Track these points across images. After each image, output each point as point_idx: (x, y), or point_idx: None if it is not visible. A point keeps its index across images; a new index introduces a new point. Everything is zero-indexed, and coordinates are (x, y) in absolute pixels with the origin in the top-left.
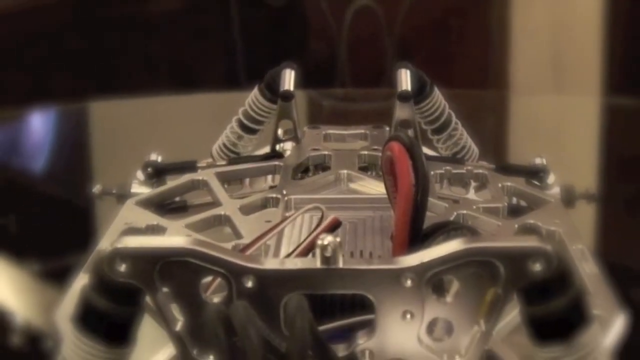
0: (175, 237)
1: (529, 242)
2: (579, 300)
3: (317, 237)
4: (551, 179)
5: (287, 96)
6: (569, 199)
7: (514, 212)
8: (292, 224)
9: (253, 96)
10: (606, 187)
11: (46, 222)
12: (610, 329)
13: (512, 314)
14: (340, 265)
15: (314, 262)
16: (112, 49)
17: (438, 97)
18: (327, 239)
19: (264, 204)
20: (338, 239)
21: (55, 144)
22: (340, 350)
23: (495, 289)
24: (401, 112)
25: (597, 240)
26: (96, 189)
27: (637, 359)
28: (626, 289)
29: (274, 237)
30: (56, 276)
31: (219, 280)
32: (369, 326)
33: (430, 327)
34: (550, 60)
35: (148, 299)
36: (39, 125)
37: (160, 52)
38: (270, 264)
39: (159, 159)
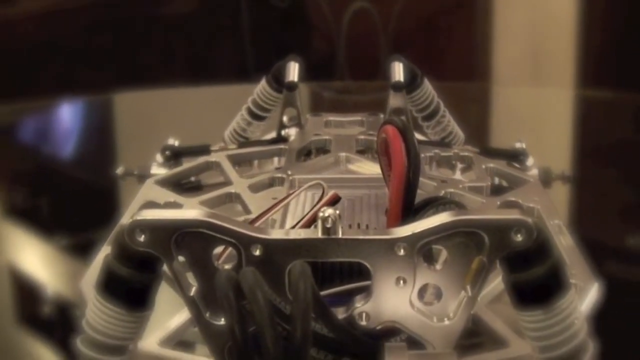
0: (190, 210)
1: (512, 215)
2: (557, 268)
3: (318, 210)
4: (530, 161)
5: (292, 86)
6: (546, 179)
7: (496, 191)
8: (296, 200)
9: (261, 87)
10: (579, 170)
11: (74, 201)
12: (586, 296)
13: (495, 282)
14: (340, 235)
15: (316, 232)
16: (134, 45)
17: (428, 88)
18: (328, 211)
19: (271, 183)
20: (338, 212)
21: (82, 132)
22: (340, 313)
23: (481, 257)
24: (394, 100)
25: (571, 217)
26: (119, 170)
27: (609, 324)
28: (598, 262)
29: (279, 211)
30: (82, 250)
31: (229, 250)
32: (365, 291)
33: (421, 292)
34: (529, 55)
35: (165, 267)
36: (68, 114)
37: (177, 49)
38: (276, 234)
39: (176, 143)
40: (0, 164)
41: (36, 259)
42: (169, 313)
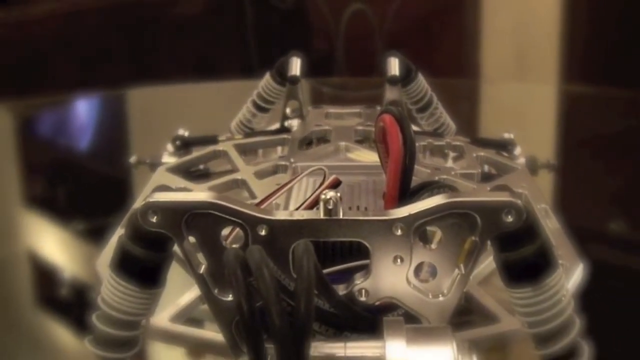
0: (199, 193)
1: (503, 197)
2: (545, 248)
3: (320, 193)
4: (517, 150)
5: (294, 80)
6: (532, 167)
7: (486, 178)
8: (298, 186)
9: (265, 80)
10: (562, 159)
11: (90, 190)
12: (571, 276)
13: (486, 262)
14: (341, 216)
15: (318, 213)
16: (146, 44)
17: (422, 81)
18: (329, 194)
19: (275, 170)
20: (339, 194)
21: (97, 125)
22: (340, 289)
23: (473, 237)
24: (390, 93)
25: (555, 203)
26: (132, 159)
27: (593, 305)
28: (581, 245)
29: (283, 196)
30: (98, 235)
31: (237, 231)
32: (364, 269)
33: (417, 270)
34: (515, 54)
35: (176, 247)
36: (83, 109)
37: (186, 47)
38: (281, 215)
39: (186, 133)
40: (21, 156)
41: (54, 244)
42: (180, 291)
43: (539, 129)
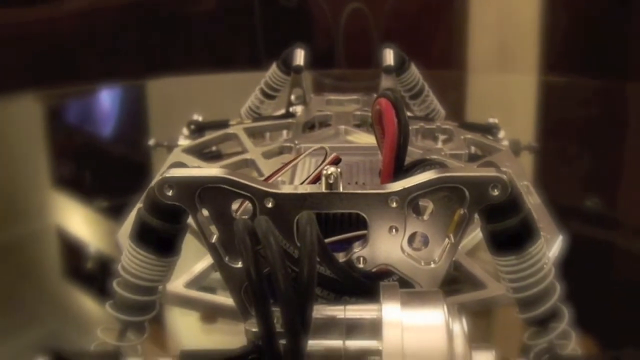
0: (211, 169)
1: (490, 173)
2: (528, 219)
3: (322, 169)
4: (501, 134)
5: (299, 70)
6: (515, 149)
7: (473, 159)
8: (302, 164)
9: (272, 70)
10: (542, 142)
11: (112, 171)
12: (552, 246)
13: (473, 234)
14: (341, 190)
15: (320, 187)
16: (163, 39)
17: (414, 71)
18: (331, 169)
19: (281, 151)
20: (339, 170)
21: (119, 113)
22: (340, 257)
23: (462, 209)
24: (386, 82)
25: (536, 181)
26: (151, 141)
27: (570, 274)
28: (560, 221)
29: (288, 173)
30: (119, 211)
31: (245, 204)
32: (362, 239)
33: (411, 240)
34: (498, 47)
35: (190, 219)
36: (107, 98)
37: (200, 42)
38: (286, 189)
39: (200, 118)
40: (50, 141)
41: (80, 221)
42: (194, 260)
43: (521, 115)
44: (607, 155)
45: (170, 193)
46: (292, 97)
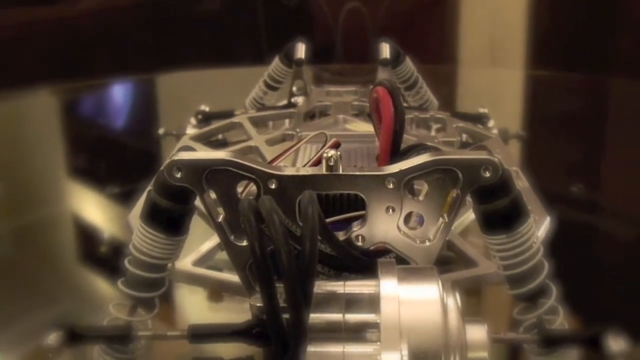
0: (218, 152)
1: (482, 155)
2: (518, 200)
3: (323, 152)
4: (491, 123)
5: (300, 63)
6: (504, 138)
7: (464, 146)
8: (303, 151)
9: (274, 63)
10: (529, 132)
11: (125, 160)
12: (540, 226)
13: (465, 216)
14: (340, 171)
15: (321, 169)
16: (172, 36)
17: (409, 64)
18: (331, 152)
19: (283, 139)
20: (339, 153)
21: (131, 106)
22: (340, 235)
23: (455, 190)
24: (382, 74)
25: (524, 168)
26: (161, 130)
27: (557, 252)
28: (546, 206)
29: (290, 157)
30: (130, 197)
31: (250, 186)
32: (361, 218)
33: (407, 219)
34: (487, 43)
35: (198, 201)
36: (120, 91)
37: (206, 38)
38: (289, 171)
39: (207, 109)
40: (66, 132)
41: (95, 208)
42: (201, 240)
43: (509, 107)
44: (590, 144)
45: (178, 175)
46: (294, 89)
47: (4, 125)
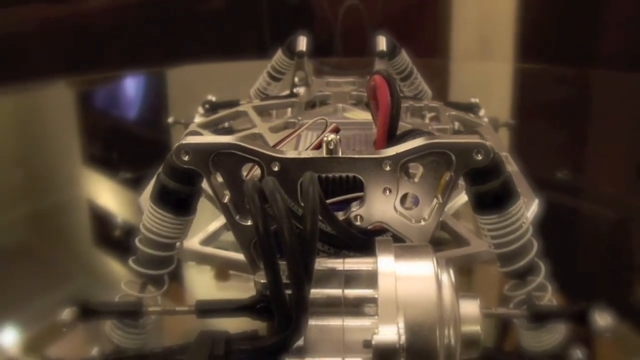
0: (223, 136)
1: (474, 139)
2: (508, 181)
3: (323, 137)
4: (482, 112)
5: (301, 55)
6: (494, 126)
7: (457, 133)
8: (304, 137)
9: (277, 55)
10: (517, 121)
11: (136, 149)
12: (530, 208)
13: (457, 199)
14: (340, 154)
15: (321, 153)
16: (181, 32)
17: (404, 56)
18: (331, 136)
19: (285, 126)
20: (338, 137)
21: (142, 98)
22: (340, 215)
23: (449, 173)
24: (379, 65)
25: (512, 154)
26: (170, 119)
27: (545, 233)
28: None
29: (292, 143)
30: (141, 182)
31: (254, 169)
32: (359, 199)
33: (403, 200)
34: (478, 39)
35: (206, 185)
36: (131, 84)
37: (212, 34)
38: (291, 154)
39: (213, 98)
40: (81, 123)
41: (109, 194)
42: (208, 221)
43: (498, 99)
44: (575, 133)
45: (186, 158)
46: (296, 79)
47: (23, 115)
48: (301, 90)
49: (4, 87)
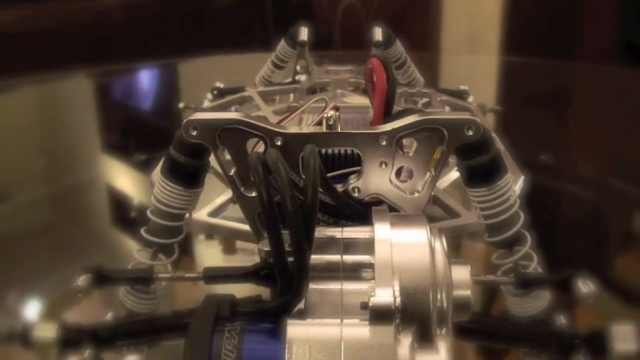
0: (229, 112)
1: (465, 116)
2: (497, 156)
3: (323, 114)
4: (471, 98)
5: (303, 44)
6: (482, 111)
7: None
8: (305, 117)
9: (280, 45)
10: (503, 107)
11: (150, 134)
12: (516, 184)
13: (447, 175)
14: (339, 130)
15: (322, 128)
16: (192, 28)
17: (399, 46)
18: (330, 112)
19: (288, 110)
20: (338, 114)
21: (156, 88)
22: (338, 188)
23: (441, 147)
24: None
25: (498, 135)
26: (181, 105)
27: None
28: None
29: (294, 120)
30: (154, 163)
31: (258, 144)
32: (357, 173)
33: (398, 173)
34: (467, 34)
35: (213, 161)
36: (146, 76)
37: (219, 30)
38: (293, 129)
39: (221, 85)
40: (99, 112)
41: (126, 179)
42: (215, 195)
43: (485, 89)
44: (557, 119)
45: (194, 133)
46: (298, 68)
47: (45, 105)
48: (303, 77)
49: (29, 78)
